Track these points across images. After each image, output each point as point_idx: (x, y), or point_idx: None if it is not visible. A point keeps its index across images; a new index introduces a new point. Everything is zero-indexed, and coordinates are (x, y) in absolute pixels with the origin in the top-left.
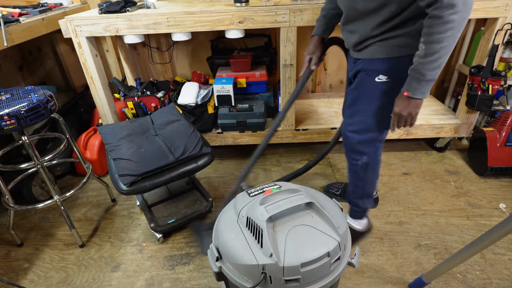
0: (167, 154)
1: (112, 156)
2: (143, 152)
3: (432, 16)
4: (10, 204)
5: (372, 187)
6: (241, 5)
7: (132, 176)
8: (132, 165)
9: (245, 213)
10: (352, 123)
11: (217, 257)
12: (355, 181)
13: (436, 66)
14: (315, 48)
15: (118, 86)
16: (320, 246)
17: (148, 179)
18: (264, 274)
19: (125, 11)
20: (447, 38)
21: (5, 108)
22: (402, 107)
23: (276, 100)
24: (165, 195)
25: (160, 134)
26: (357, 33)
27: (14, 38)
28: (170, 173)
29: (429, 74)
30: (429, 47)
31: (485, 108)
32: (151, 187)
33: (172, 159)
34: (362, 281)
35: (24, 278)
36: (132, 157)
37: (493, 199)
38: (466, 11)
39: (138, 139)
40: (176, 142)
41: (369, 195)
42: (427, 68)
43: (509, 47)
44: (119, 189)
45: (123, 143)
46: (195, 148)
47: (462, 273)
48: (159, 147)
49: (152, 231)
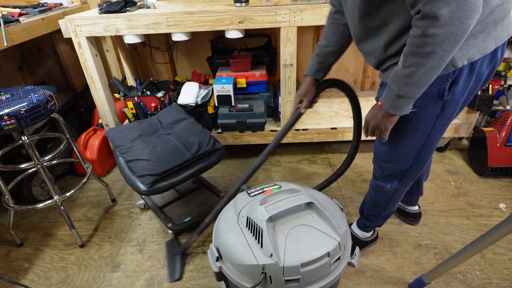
0: (183, 152)
1: (126, 158)
2: (159, 151)
3: (414, 26)
4: (10, 204)
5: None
6: (241, 5)
7: (152, 176)
8: (151, 165)
9: (245, 213)
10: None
11: (217, 257)
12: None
13: (410, 83)
14: (307, 90)
15: (118, 86)
16: (320, 246)
17: (167, 178)
18: (264, 274)
19: (125, 11)
20: (425, 55)
21: (5, 108)
22: (371, 115)
23: (276, 100)
24: (174, 196)
25: (173, 133)
26: (372, 54)
27: (14, 38)
28: (187, 170)
29: (401, 90)
30: (405, 59)
31: (485, 108)
32: (170, 185)
33: (189, 156)
34: (362, 281)
35: (24, 278)
36: (149, 157)
37: (493, 199)
38: (456, 26)
39: (151, 139)
40: (189, 139)
41: (389, 215)
42: (399, 81)
43: (509, 47)
44: (139, 190)
45: (137, 144)
46: (209, 144)
47: (462, 273)
48: (175, 145)
49: (170, 231)
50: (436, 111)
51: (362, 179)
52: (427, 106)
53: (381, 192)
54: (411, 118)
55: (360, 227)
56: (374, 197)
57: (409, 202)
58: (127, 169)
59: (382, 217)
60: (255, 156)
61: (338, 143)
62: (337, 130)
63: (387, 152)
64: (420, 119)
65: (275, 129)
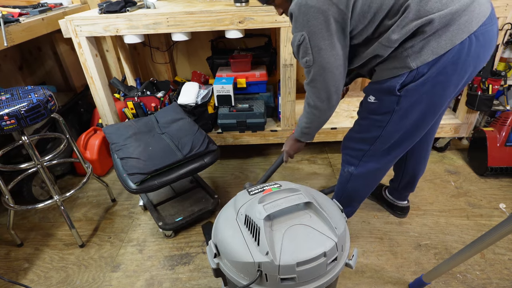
0: (175, 152)
1: (119, 156)
2: (151, 150)
3: None
4: (10, 204)
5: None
6: (241, 5)
7: (141, 174)
8: (141, 164)
9: (243, 211)
10: None
11: (215, 254)
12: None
13: (305, 116)
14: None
15: (118, 86)
16: (316, 246)
17: (157, 177)
18: (260, 272)
19: (125, 11)
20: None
21: (5, 108)
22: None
23: (276, 100)
24: (170, 194)
25: (167, 132)
26: None
27: (14, 38)
28: (178, 170)
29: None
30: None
31: (485, 108)
32: (160, 185)
33: (181, 157)
34: (362, 281)
35: (24, 278)
36: (140, 155)
37: (493, 199)
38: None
39: (145, 138)
40: (183, 140)
41: None
42: None
43: (509, 47)
44: (129, 188)
45: (130, 142)
46: (202, 145)
47: (462, 273)
48: (167, 145)
49: (161, 230)
50: (392, 105)
51: None
52: (384, 99)
53: (340, 176)
54: (372, 109)
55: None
56: (337, 182)
57: (400, 198)
58: (120, 167)
59: (342, 205)
60: (255, 156)
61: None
62: (337, 130)
63: (351, 138)
64: (378, 111)
65: (275, 129)
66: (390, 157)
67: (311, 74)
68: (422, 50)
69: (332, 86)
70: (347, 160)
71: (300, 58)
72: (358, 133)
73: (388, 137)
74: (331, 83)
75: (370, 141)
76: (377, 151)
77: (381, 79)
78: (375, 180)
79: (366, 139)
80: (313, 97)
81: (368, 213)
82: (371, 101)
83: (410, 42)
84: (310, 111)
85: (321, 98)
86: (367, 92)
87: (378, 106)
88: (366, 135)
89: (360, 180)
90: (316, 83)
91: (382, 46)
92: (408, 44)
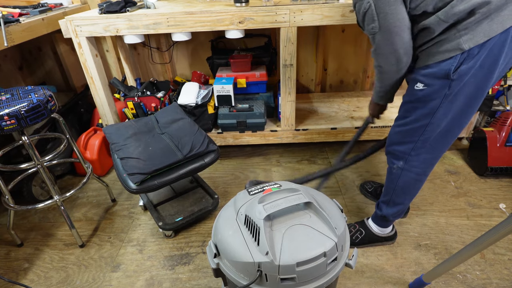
0: (175, 152)
1: (119, 156)
2: (151, 150)
3: None
4: (10, 204)
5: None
6: (241, 5)
7: (141, 174)
8: (141, 164)
9: (243, 211)
10: None
11: (215, 254)
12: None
13: (377, 79)
14: None
15: (118, 86)
16: (316, 246)
17: (157, 177)
18: (259, 272)
19: (125, 11)
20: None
21: (5, 108)
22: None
23: (276, 100)
24: (170, 194)
25: (167, 133)
26: None
27: (14, 38)
28: (178, 170)
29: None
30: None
31: (485, 108)
32: (160, 185)
33: (181, 157)
34: (362, 281)
35: (24, 278)
36: (140, 155)
37: (493, 199)
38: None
39: (145, 138)
40: (183, 140)
41: (400, 205)
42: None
43: None
44: (129, 188)
45: (130, 142)
46: (202, 145)
47: (462, 273)
48: (167, 145)
49: (161, 230)
50: (444, 90)
51: (362, 179)
52: (435, 84)
53: (389, 173)
54: (421, 96)
55: (375, 221)
56: (386, 181)
57: None
58: (120, 167)
59: (392, 205)
60: (255, 156)
61: (338, 143)
62: (337, 130)
63: (397, 132)
64: (428, 97)
65: (275, 129)
66: (440, 146)
67: (376, 40)
68: (475, 31)
69: (401, 49)
70: (396, 155)
71: (366, 25)
72: (405, 126)
73: (437, 125)
74: (400, 46)
75: (419, 131)
76: (426, 141)
77: (430, 62)
78: (425, 173)
79: (415, 129)
80: (381, 62)
81: (368, 213)
82: (418, 89)
83: (464, 23)
84: (381, 76)
85: (391, 62)
86: (413, 80)
87: (428, 92)
88: (415, 124)
89: (412, 174)
90: (384, 48)
91: (438, 20)
92: (461, 25)
